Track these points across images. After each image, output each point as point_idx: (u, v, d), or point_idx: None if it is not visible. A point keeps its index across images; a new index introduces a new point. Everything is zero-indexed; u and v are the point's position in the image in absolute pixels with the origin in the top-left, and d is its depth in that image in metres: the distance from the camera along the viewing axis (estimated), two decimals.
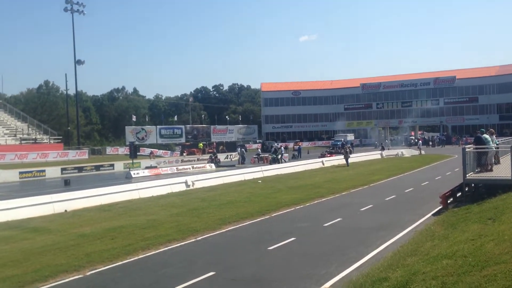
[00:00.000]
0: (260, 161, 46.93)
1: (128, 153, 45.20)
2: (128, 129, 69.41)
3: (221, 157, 54.52)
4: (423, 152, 54.79)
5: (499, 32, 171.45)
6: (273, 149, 48.46)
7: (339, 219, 15.29)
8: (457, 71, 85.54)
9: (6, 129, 56.15)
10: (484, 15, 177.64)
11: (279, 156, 45.08)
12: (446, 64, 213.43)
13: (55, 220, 16.87)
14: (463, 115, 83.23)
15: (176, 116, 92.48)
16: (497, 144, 19.03)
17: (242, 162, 47.25)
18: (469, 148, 17.13)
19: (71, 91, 71.70)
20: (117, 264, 10.77)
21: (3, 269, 10.44)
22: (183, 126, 76.45)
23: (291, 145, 74.96)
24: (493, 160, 17.56)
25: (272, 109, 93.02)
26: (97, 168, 43.05)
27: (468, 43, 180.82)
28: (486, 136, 17.58)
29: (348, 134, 78.67)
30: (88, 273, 10.10)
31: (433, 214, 15.37)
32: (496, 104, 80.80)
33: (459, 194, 16.80)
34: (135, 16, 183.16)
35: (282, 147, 54.01)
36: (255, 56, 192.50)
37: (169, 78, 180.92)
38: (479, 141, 17.22)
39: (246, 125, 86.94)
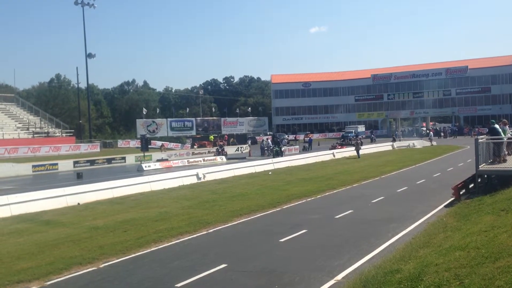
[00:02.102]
0: (271, 153, 46.92)
1: (140, 146, 45.44)
2: (139, 122, 69.74)
3: (232, 149, 54.66)
4: (434, 143, 54.38)
5: None
6: (271, 141, 48.44)
7: (350, 211, 15.27)
8: (470, 61, 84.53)
9: (19, 123, 56.65)
10: (497, 4, 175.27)
11: (282, 149, 45.02)
12: (458, 54, 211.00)
13: (68, 213, 17.05)
14: (476, 106, 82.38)
15: (186, 108, 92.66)
16: (510, 135, 18.84)
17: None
18: (481, 139, 16.97)
19: (82, 85, 72.31)
20: (130, 256, 10.86)
21: (18, 262, 10.58)
22: (193, 119, 76.63)
23: (301, 137, 74.94)
24: (506, 151, 17.38)
25: (283, 101, 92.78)
26: (109, 161, 43.37)
27: (480, 33, 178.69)
28: (497, 126, 17.39)
29: (359, 126, 78.35)
30: (102, 265, 10.20)
31: (446, 206, 15.28)
32: (509, 94, 79.89)
33: (471, 185, 16.68)
34: (145, 9, 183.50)
35: (285, 140, 53.88)
36: (266, 48, 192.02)
37: (179, 70, 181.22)
38: (493, 132, 17.04)
39: (256, 117, 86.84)
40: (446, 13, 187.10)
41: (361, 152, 40.35)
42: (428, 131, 70.90)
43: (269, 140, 53.17)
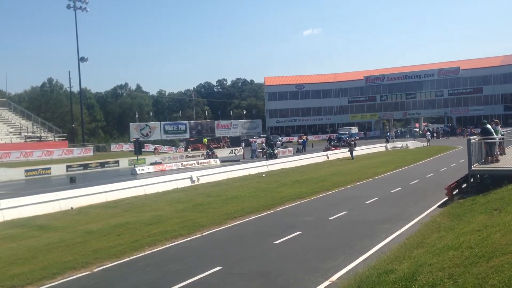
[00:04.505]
0: (264, 155, 46.95)
1: (133, 149, 45.29)
2: (133, 125, 69.51)
3: (226, 152, 54.58)
4: (428, 143, 54.43)
5: (503, 22, 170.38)
6: (267, 144, 48.51)
7: (344, 212, 15.28)
8: (461, 62, 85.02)
9: (11, 128, 56.35)
10: (488, 5, 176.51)
11: (275, 151, 45.07)
12: (450, 55, 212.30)
13: (61, 218, 16.96)
14: (468, 106, 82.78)
15: (180, 111, 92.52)
16: (502, 135, 18.94)
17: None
18: (474, 139, 17.06)
19: (75, 89, 72.17)
20: (124, 260, 10.81)
21: (11, 267, 10.51)
22: (187, 122, 76.46)
23: (295, 139, 75.02)
24: (498, 151, 17.47)
25: (276, 103, 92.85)
26: (102, 165, 43.19)
27: (472, 34, 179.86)
28: (489, 126, 17.49)
29: (352, 127, 78.50)
30: (96, 270, 10.15)
31: (439, 206, 15.34)
32: (501, 94, 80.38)
33: (464, 185, 16.75)
34: (138, 12, 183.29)
35: (279, 142, 54.12)
36: (259, 50, 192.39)
37: (172, 73, 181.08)
38: (486, 132, 17.12)
39: (250, 120, 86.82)
40: (438, 15, 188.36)
41: (354, 153, 40.43)
42: (421, 132, 71.20)
43: (262, 142, 53.28)
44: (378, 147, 50.62)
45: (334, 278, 8.67)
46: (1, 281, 9.49)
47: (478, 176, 16.89)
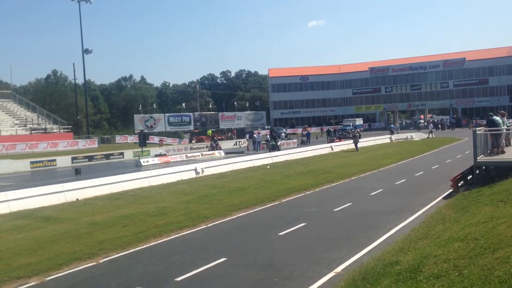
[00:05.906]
0: (268, 147, 46.85)
1: (137, 141, 45.39)
2: (137, 117, 69.55)
3: (230, 144, 54.59)
4: (431, 136, 54.12)
5: (510, 12, 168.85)
6: (269, 135, 48.44)
7: (349, 203, 15.28)
8: (467, 53, 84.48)
9: (16, 119, 56.50)
10: None
11: (278, 143, 45.01)
12: (456, 46, 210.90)
13: (67, 209, 17.03)
14: (473, 98, 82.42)
15: (184, 103, 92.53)
16: (507, 126, 18.85)
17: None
18: (479, 130, 16.98)
19: (79, 80, 72.13)
20: (129, 251, 10.87)
21: (18, 258, 10.58)
22: (191, 114, 76.40)
23: (299, 130, 74.94)
24: (504, 142, 17.39)
25: (280, 95, 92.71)
26: (107, 156, 43.24)
27: (478, 25, 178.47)
28: (497, 118, 17.39)
29: (356, 119, 78.29)
30: (101, 261, 10.20)
31: (444, 198, 15.31)
32: (507, 85, 79.93)
33: (470, 177, 16.71)
34: (142, 4, 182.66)
35: (283, 134, 54.07)
36: (263, 42, 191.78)
37: (176, 65, 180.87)
38: (492, 124, 17.03)
39: (254, 112, 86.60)
40: (443, 6, 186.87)
41: (359, 145, 40.36)
42: (426, 123, 70.91)
43: (267, 134, 53.18)
44: (382, 139, 50.46)
45: (339, 269, 8.69)
46: (8, 272, 9.56)
47: (484, 167, 16.82)
